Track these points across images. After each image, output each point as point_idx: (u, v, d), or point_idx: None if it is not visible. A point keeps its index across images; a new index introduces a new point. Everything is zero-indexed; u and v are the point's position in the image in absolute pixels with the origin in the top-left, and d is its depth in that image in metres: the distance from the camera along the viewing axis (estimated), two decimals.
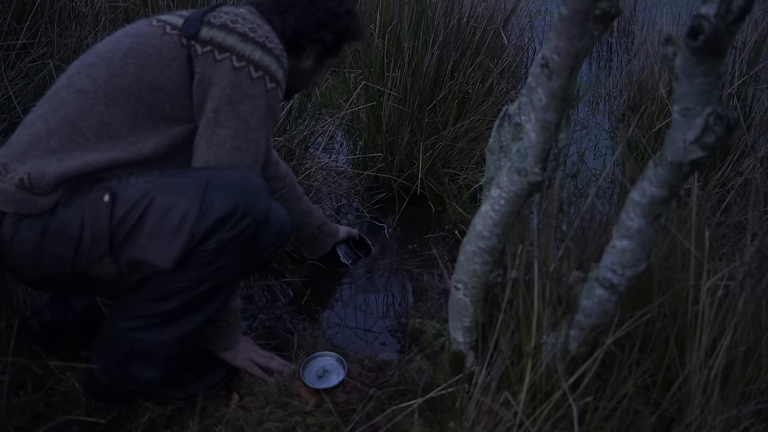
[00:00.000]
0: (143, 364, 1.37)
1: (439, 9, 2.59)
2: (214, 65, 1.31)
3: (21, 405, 1.39)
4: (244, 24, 1.36)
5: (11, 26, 2.50)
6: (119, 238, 1.25)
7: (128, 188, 1.26)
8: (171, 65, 1.31)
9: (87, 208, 1.25)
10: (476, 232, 1.22)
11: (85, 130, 1.28)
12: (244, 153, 1.34)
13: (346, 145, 2.88)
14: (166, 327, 1.34)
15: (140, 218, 1.25)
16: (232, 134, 1.32)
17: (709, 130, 0.90)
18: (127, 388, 1.41)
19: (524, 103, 1.11)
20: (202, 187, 1.26)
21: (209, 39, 1.32)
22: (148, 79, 1.30)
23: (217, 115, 1.31)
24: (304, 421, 1.41)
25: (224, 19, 1.35)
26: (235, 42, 1.32)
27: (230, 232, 1.27)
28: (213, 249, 1.27)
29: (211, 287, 1.32)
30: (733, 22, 0.80)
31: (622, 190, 1.81)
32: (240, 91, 1.31)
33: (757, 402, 1.15)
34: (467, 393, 1.24)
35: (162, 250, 1.25)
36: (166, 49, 1.31)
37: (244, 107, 1.32)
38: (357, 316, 1.93)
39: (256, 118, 1.34)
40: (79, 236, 1.25)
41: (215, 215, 1.25)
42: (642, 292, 1.26)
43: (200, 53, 1.31)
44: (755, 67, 2.44)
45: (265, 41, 1.35)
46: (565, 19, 0.96)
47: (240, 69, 1.31)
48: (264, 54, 1.34)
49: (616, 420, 1.14)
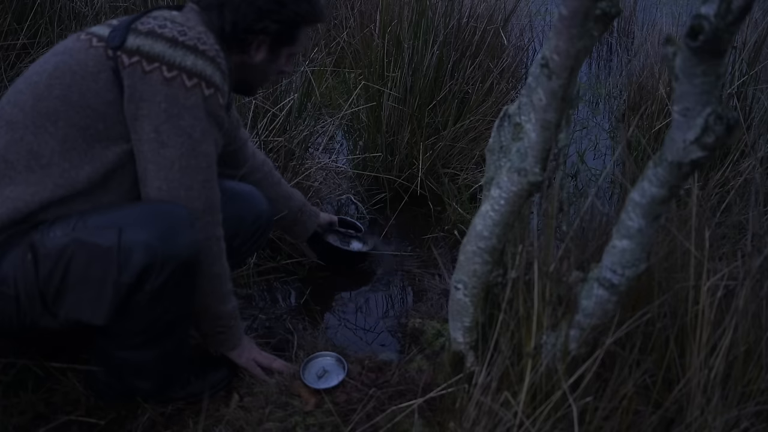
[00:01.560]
0: (136, 378, 1.39)
1: (439, 9, 2.59)
2: (143, 78, 1.21)
3: (21, 405, 1.39)
4: (173, 28, 1.26)
5: (11, 26, 2.50)
6: (50, 297, 1.22)
7: (47, 244, 1.20)
8: (97, 80, 1.22)
9: (17, 265, 1.21)
10: (476, 232, 1.22)
11: (16, 162, 1.22)
12: (195, 170, 1.26)
13: (346, 145, 2.88)
14: (144, 349, 1.34)
15: (63, 276, 1.20)
16: (178, 153, 1.24)
17: (709, 130, 0.90)
18: (127, 389, 1.41)
19: (524, 103, 1.11)
20: (116, 236, 1.19)
21: (136, 48, 1.23)
22: (75, 98, 1.22)
23: (158, 135, 1.23)
24: (304, 421, 1.41)
25: (152, 25, 1.26)
26: (164, 49, 1.23)
27: (158, 281, 1.21)
28: (148, 299, 1.23)
29: (171, 320, 1.31)
30: (733, 22, 0.80)
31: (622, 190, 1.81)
32: (177, 105, 1.22)
33: (757, 402, 1.15)
34: (467, 393, 1.24)
35: (92, 307, 1.22)
36: (92, 62, 1.23)
37: (185, 121, 1.24)
38: (357, 316, 1.93)
39: (199, 130, 1.25)
40: (16, 296, 1.22)
41: (136, 266, 1.19)
42: (642, 292, 1.26)
43: (127, 64, 1.22)
44: (755, 67, 2.44)
45: (196, 44, 1.26)
46: (565, 19, 0.96)
47: (172, 80, 1.22)
48: (197, 58, 1.25)
49: (616, 420, 1.14)
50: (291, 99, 2.41)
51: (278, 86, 2.52)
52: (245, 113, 2.30)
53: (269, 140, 2.28)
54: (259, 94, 2.32)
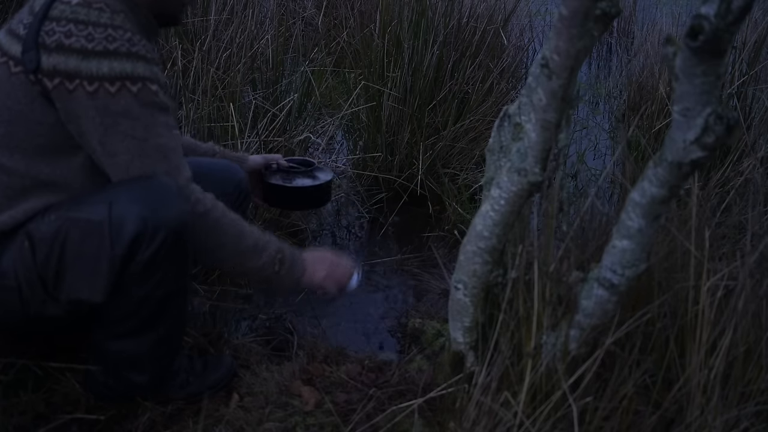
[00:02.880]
0: (131, 370, 1.38)
1: (439, 9, 2.59)
2: (69, 97, 1.20)
3: (21, 405, 1.39)
4: (79, 34, 1.20)
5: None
6: (50, 281, 1.23)
7: (42, 228, 1.22)
8: (34, 109, 1.22)
9: (16, 256, 1.23)
10: (476, 232, 1.22)
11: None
12: (152, 163, 1.26)
13: (346, 145, 2.88)
14: (137, 337, 1.34)
15: (60, 257, 1.22)
16: (129, 157, 1.24)
17: (709, 130, 0.90)
18: (126, 387, 1.41)
19: (524, 103, 1.11)
20: (107, 210, 1.20)
21: (53, 69, 1.19)
22: (21, 133, 1.24)
23: (104, 147, 1.23)
24: (304, 421, 1.41)
25: (57, 37, 1.20)
26: (78, 63, 1.19)
27: (148, 251, 1.22)
28: (140, 271, 1.24)
29: (163, 296, 1.31)
30: (733, 22, 0.80)
31: (622, 190, 1.81)
32: (109, 114, 1.21)
33: (757, 402, 1.15)
34: (467, 393, 1.24)
35: (89, 285, 1.23)
36: (21, 93, 1.22)
37: (123, 126, 1.23)
38: (357, 316, 1.93)
39: (140, 129, 1.24)
40: (17, 286, 1.24)
41: (127, 236, 1.20)
42: (642, 292, 1.26)
43: (51, 88, 1.20)
44: (755, 67, 2.44)
45: (106, 45, 1.20)
46: (565, 19, 0.96)
47: (95, 92, 1.20)
48: (111, 62, 1.20)
49: (616, 420, 1.14)
50: (291, 99, 2.41)
51: (278, 86, 2.53)
52: (245, 113, 2.31)
53: (269, 140, 2.28)
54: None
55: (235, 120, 2.17)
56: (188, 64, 2.41)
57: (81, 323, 1.39)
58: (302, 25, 3.59)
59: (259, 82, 2.55)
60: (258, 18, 2.77)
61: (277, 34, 2.67)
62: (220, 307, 1.85)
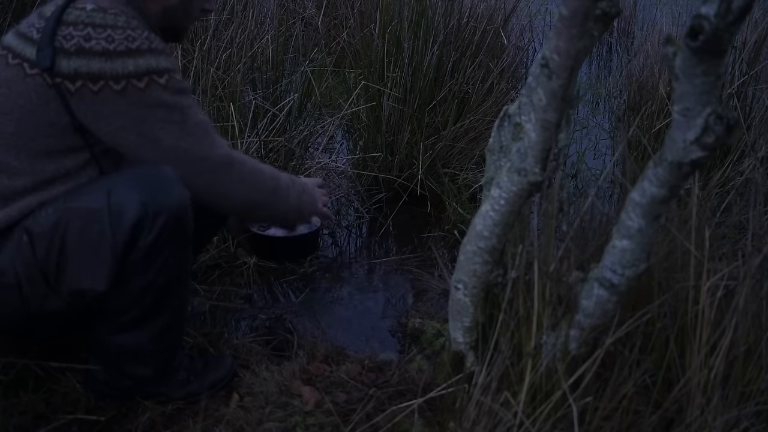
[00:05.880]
0: (134, 364, 1.38)
1: (439, 9, 2.59)
2: (95, 98, 1.21)
3: (21, 405, 1.39)
4: (99, 37, 1.21)
5: (11, 26, 2.50)
6: (51, 274, 1.24)
7: (41, 222, 1.22)
8: (48, 111, 1.23)
9: (14, 253, 1.23)
10: (476, 232, 1.22)
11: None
12: (196, 140, 1.30)
13: (346, 145, 2.88)
14: (140, 328, 1.34)
15: (61, 248, 1.22)
16: (174, 140, 1.27)
17: (709, 130, 0.90)
18: (127, 385, 1.41)
19: (524, 103, 1.11)
20: (106, 198, 1.21)
21: (74, 72, 1.20)
22: (30, 132, 1.24)
23: (146, 136, 1.25)
24: (304, 421, 1.41)
25: (76, 41, 1.20)
26: (102, 66, 1.20)
27: (149, 237, 1.23)
28: (141, 257, 1.24)
29: (165, 284, 1.31)
30: (733, 22, 0.80)
31: (622, 190, 1.81)
32: (143, 107, 1.23)
33: (757, 402, 1.15)
34: (467, 393, 1.24)
35: (91, 274, 1.23)
36: (35, 95, 1.22)
37: (160, 114, 1.25)
38: (357, 316, 1.93)
39: (178, 112, 1.27)
40: (17, 283, 1.24)
41: (128, 222, 1.21)
42: (642, 292, 1.26)
43: (74, 91, 1.21)
44: (755, 67, 2.44)
45: (128, 45, 1.22)
46: (565, 19, 0.96)
47: (123, 90, 1.21)
48: (137, 59, 1.22)
49: (616, 420, 1.14)
50: (291, 99, 2.41)
51: (278, 86, 2.53)
52: (245, 113, 2.31)
53: (269, 140, 2.28)
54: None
55: (235, 120, 2.17)
56: (188, 63, 2.40)
57: (81, 321, 1.40)
58: (302, 25, 3.59)
59: (259, 82, 2.55)
60: (258, 18, 2.77)
61: (277, 34, 2.67)
62: (220, 307, 1.85)
